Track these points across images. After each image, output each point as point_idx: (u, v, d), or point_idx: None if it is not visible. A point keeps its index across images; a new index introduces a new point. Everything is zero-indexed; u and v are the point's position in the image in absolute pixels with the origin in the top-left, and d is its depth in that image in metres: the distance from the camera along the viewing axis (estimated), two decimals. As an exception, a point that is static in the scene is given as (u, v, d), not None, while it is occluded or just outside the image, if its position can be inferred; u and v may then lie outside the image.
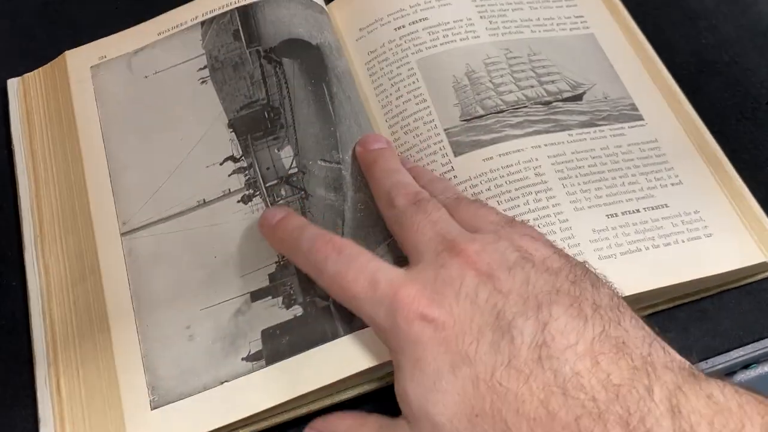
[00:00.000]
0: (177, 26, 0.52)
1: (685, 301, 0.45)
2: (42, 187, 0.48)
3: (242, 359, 0.40)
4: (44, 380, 0.41)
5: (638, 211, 0.45)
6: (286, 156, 0.46)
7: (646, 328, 0.34)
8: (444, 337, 0.33)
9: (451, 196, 0.42)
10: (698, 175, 0.48)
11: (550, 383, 0.31)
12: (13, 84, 0.52)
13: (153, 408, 0.39)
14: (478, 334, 0.33)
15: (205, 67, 0.49)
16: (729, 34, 0.58)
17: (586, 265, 0.36)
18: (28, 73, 0.53)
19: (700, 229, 0.45)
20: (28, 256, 0.46)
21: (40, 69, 0.53)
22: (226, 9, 0.50)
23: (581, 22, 0.54)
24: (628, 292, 0.40)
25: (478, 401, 0.32)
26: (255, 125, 0.47)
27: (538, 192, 0.45)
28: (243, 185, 0.45)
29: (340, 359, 0.39)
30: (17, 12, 0.58)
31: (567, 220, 0.44)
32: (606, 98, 0.50)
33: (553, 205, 0.45)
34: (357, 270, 0.36)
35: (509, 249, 0.36)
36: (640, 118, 0.50)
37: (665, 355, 0.32)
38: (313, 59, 0.48)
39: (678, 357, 0.33)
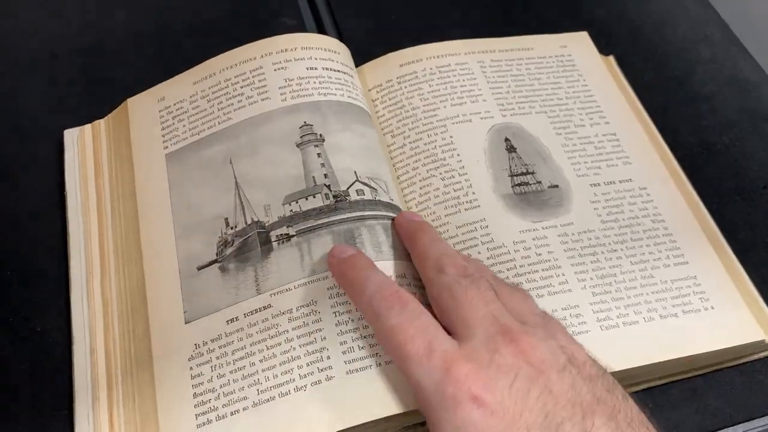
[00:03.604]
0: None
1: (678, 378, 0.47)
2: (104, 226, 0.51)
3: None
4: (86, 416, 0.43)
5: (644, 282, 0.48)
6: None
7: None
8: (492, 425, 0.34)
9: (492, 277, 0.43)
10: (703, 252, 0.50)
11: None
12: (70, 133, 0.55)
13: None
14: (525, 430, 0.34)
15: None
16: (730, 117, 0.61)
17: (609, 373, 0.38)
18: (96, 121, 0.56)
19: (703, 301, 0.47)
20: (74, 296, 0.48)
21: (106, 117, 0.56)
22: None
23: (600, 117, 0.57)
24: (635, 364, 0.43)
25: None
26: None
27: (549, 268, 0.48)
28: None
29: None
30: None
31: (571, 290, 0.47)
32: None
33: (559, 278, 0.47)
34: (417, 329, 0.37)
35: (558, 350, 0.37)
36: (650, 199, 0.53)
37: None
38: None
39: None
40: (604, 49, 0.62)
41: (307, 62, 0.53)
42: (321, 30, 0.65)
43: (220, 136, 0.51)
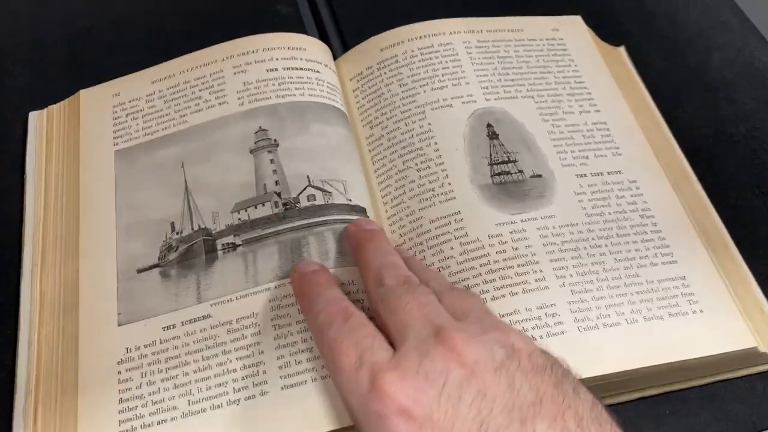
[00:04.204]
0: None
1: (667, 390, 0.44)
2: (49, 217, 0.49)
3: None
4: (21, 411, 0.42)
5: (628, 281, 0.44)
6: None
7: None
8: None
9: (439, 283, 0.41)
10: (693, 251, 0.46)
11: None
12: (34, 117, 0.54)
13: None
14: None
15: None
16: (747, 106, 0.56)
17: (562, 363, 0.35)
18: (51, 106, 0.54)
19: (691, 304, 0.44)
20: (24, 285, 0.46)
21: (59, 103, 0.54)
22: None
23: (590, 104, 0.53)
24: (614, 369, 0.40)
25: None
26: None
27: (525, 264, 0.44)
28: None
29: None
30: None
31: (548, 288, 0.43)
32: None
33: (535, 275, 0.44)
34: (352, 341, 0.36)
35: (496, 344, 0.34)
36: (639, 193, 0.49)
37: None
38: None
39: None
40: (614, 35, 0.59)
41: (267, 64, 0.52)
42: (317, 17, 0.62)
43: (175, 138, 0.50)
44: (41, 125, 0.53)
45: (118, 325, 0.43)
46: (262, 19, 0.61)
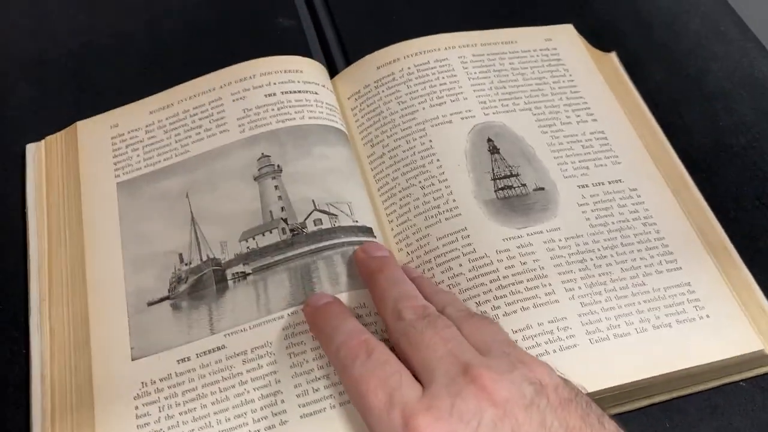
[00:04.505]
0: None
1: (679, 394, 0.44)
2: (53, 251, 0.48)
3: None
4: None
5: (636, 291, 0.45)
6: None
7: None
8: None
9: (456, 309, 0.41)
10: (696, 257, 0.47)
11: None
12: (31, 149, 0.53)
13: None
14: None
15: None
16: (747, 117, 0.57)
17: (583, 390, 0.36)
18: (48, 137, 0.54)
19: (698, 309, 0.44)
20: (33, 320, 0.46)
21: (56, 134, 0.54)
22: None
23: (588, 114, 0.53)
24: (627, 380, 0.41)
25: None
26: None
27: (534, 278, 0.45)
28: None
29: None
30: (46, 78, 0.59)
31: (558, 301, 0.44)
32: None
33: (545, 288, 0.44)
34: (380, 380, 0.35)
35: (525, 381, 0.35)
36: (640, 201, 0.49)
37: None
38: None
39: None
40: (611, 46, 0.59)
41: (265, 89, 0.52)
42: (318, 30, 0.62)
43: (177, 168, 0.50)
44: (39, 157, 0.53)
45: (132, 360, 0.43)
46: (264, 32, 0.61)
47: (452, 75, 0.54)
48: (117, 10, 0.63)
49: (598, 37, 0.59)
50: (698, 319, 0.44)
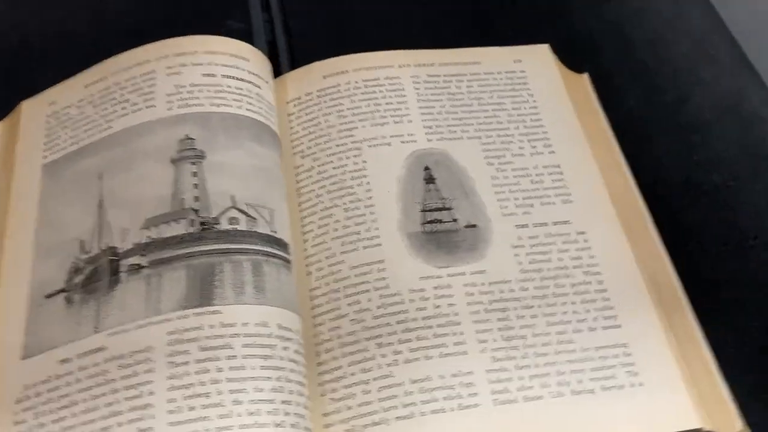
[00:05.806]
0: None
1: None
2: None
3: None
4: None
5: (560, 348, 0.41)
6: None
7: None
8: None
9: None
10: (641, 315, 0.42)
11: None
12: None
13: None
14: None
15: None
16: (726, 152, 0.52)
17: None
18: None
19: (630, 375, 0.40)
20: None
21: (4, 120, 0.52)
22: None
23: (545, 146, 0.49)
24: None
25: None
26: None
27: (445, 324, 0.41)
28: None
29: None
30: None
31: (466, 353, 0.40)
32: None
33: (455, 337, 0.40)
34: None
35: None
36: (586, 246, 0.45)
37: None
38: None
39: None
40: (586, 63, 0.54)
41: (205, 68, 0.48)
42: (271, 35, 0.59)
43: (99, 146, 0.46)
44: None
45: (22, 359, 0.40)
46: (210, 33, 0.57)
47: (401, 95, 0.50)
48: (60, 6, 0.61)
49: (572, 52, 0.55)
50: (628, 387, 0.40)
